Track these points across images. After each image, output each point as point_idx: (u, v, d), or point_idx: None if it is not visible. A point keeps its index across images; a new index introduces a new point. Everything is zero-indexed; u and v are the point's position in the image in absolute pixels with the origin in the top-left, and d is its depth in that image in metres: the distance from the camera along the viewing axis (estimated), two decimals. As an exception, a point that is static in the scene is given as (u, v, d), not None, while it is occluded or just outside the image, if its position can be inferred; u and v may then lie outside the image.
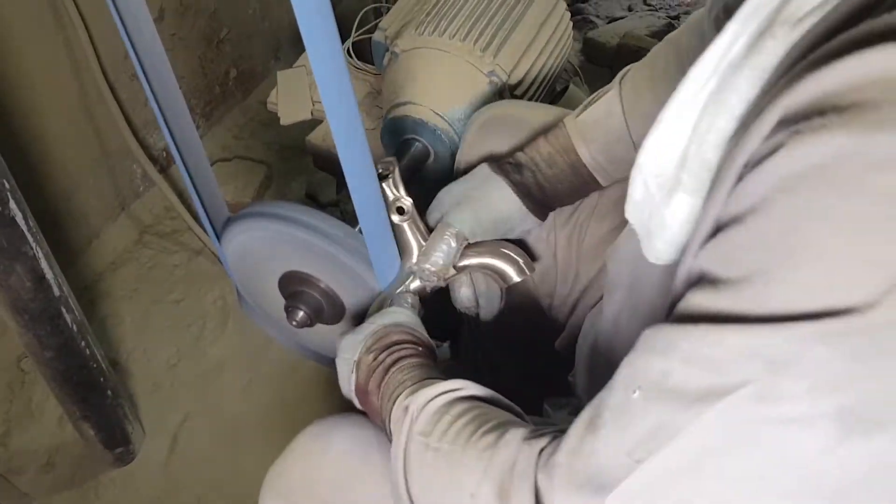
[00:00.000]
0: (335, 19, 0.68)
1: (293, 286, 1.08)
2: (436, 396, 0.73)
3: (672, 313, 0.53)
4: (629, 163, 0.92)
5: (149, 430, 1.51)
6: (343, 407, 0.93)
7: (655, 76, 0.97)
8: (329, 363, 1.26)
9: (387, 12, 1.60)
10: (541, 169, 1.03)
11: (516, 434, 0.65)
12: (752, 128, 0.47)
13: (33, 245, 1.09)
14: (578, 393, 1.02)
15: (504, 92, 1.35)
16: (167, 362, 1.64)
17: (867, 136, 0.40)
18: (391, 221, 0.97)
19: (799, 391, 0.45)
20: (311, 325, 1.08)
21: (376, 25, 1.55)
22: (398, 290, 1.00)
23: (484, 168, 1.05)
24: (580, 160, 1.02)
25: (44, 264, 1.11)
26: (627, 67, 1.03)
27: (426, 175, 1.37)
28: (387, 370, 0.82)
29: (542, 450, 0.61)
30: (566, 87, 1.75)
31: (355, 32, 1.72)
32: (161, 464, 1.49)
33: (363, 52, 1.69)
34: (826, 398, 0.44)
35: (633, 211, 0.66)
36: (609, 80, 1.04)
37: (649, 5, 2.66)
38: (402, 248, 1.00)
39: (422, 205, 1.06)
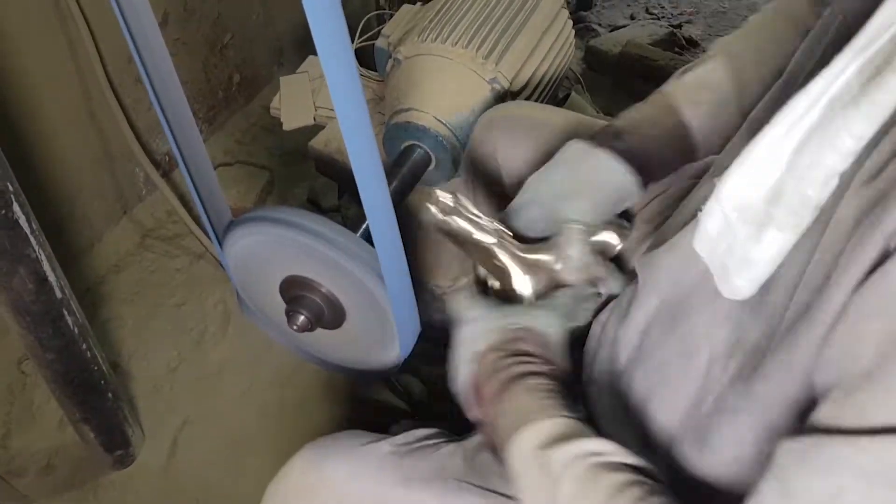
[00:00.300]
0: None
1: (294, 290, 1.08)
2: (582, 457, 0.65)
3: (814, 420, 0.49)
4: (729, 134, 0.83)
5: (148, 434, 1.51)
6: (341, 417, 0.92)
7: (760, 47, 0.92)
8: (330, 367, 1.27)
9: (389, 19, 1.61)
10: (644, 130, 0.92)
11: None
12: (886, 201, 0.45)
13: (36, 247, 1.09)
14: (590, 403, 0.99)
15: (506, 99, 1.35)
16: (168, 366, 1.64)
17: None
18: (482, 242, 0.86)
19: None
20: (311, 329, 1.08)
21: (379, 32, 1.56)
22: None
23: (577, 145, 0.92)
24: (683, 122, 0.92)
25: (46, 267, 1.12)
26: (724, 38, 0.97)
27: (427, 181, 1.38)
28: (510, 382, 0.73)
29: None
30: (568, 95, 1.75)
31: (358, 39, 1.74)
32: (160, 467, 1.49)
33: (366, 59, 1.70)
34: None
35: (706, 244, 0.64)
36: (611, 89, 1.03)
37: (651, 14, 2.68)
38: (500, 274, 0.88)
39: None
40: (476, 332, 0.79)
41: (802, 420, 0.53)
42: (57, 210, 1.65)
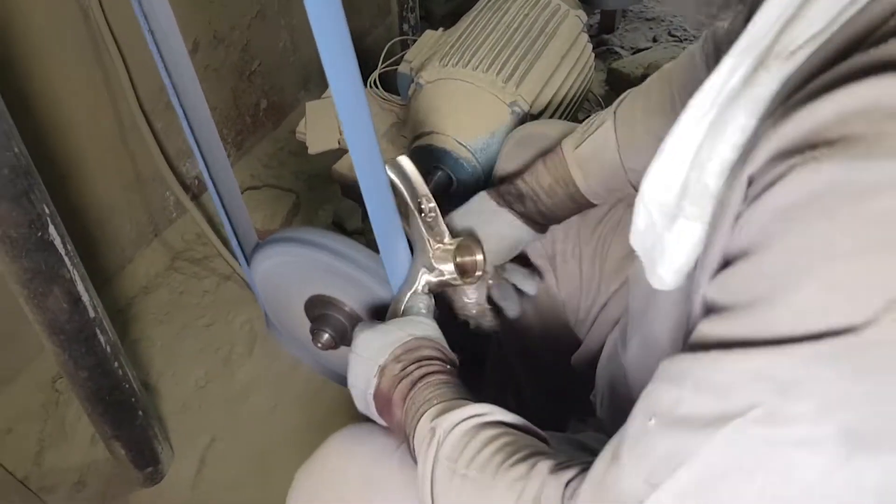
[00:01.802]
0: (363, 52, 0.72)
1: (319, 309, 1.11)
2: (462, 420, 0.73)
3: (685, 343, 0.55)
4: (623, 192, 0.99)
5: (177, 451, 1.54)
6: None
7: (649, 108, 1.00)
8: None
9: (412, 45, 1.64)
10: (542, 199, 1.07)
11: (545, 465, 0.66)
12: (749, 158, 0.50)
13: (70, 268, 1.13)
14: (600, 414, 1.03)
15: (526, 122, 1.37)
16: (196, 384, 1.67)
17: (855, 165, 0.42)
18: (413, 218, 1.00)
19: (804, 412, 0.46)
20: (335, 347, 1.11)
21: (402, 57, 1.60)
22: (411, 291, 1.00)
23: (487, 201, 1.10)
24: (579, 191, 1.06)
25: (80, 287, 1.15)
26: (623, 96, 1.07)
27: (449, 203, 1.40)
28: (413, 384, 0.82)
29: (568, 482, 0.63)
30: (587, 117, 1.77)
31: (382, 64, 1.77)
32: (189, 484, 1.52)
33: (389, 84, 1.74)
34: (830, 418, 0.46)
35: (637, 239, 0.69)
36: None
37: (674, 36, 2.69)
38: (415, 244, 1.02)
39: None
40: (372, 347, 0.87)
41: None
42: (90, 233, 1.70)
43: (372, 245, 1.03)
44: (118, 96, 1.63)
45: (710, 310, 0.53)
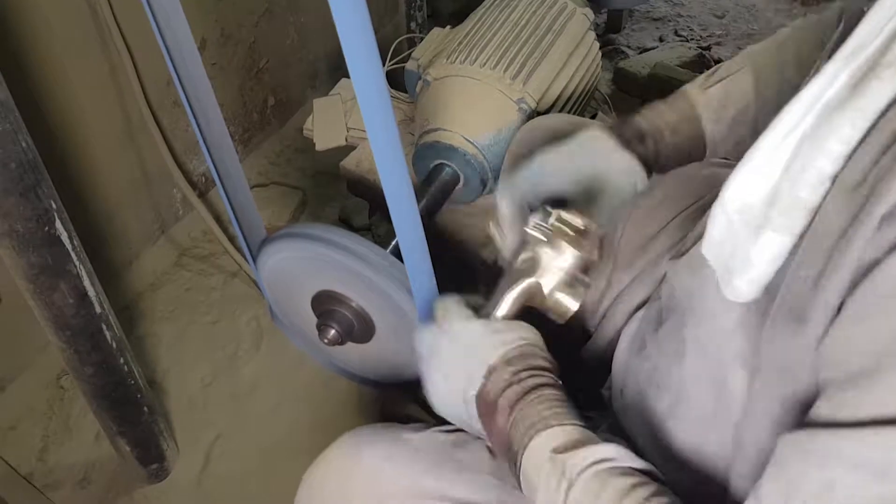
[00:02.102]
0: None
1: (325, 305, 1.11)
2: (594, 463, 0.67)
3: (813, 415, 0.52)
4: (744, 146, 0.87)
5: (183, 448, 1.54)
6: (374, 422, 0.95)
7: (782, 62, 0.94)
8: (359, 380, 1.29)
9: (420, 42, 1.64)
10: (664, 138, 0.96)
11: None
12: (877, 192, 0.47)
13: (77, 263, 1.12)
14: (615, 407, 1.00)
15: (533, 118, 1.37)
16: (202, 381, 1.67)
17: None
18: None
19: None
20: (342, 343, 1.11)
21: (410, 55, 1.60)
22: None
23: (604, 139, 0.95)
24: (702, 135, 0.96)
25: (86, 282, 1.15)
26: (753, 46, 0.99)
27: (456, 199, 1.40)
28: (524, 393, 0.75)
29: None
30: (594, 116, 1.77)
31: (389, 61, 1.77)
32: (194, 481, 1.51)
33: (397, 81, 1.74)
34: None
35: (712, 248, 0.66)
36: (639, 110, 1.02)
37: (680, 36, 2.69)
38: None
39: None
40: (483, 344, 0.79)
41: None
42: (97, 229, 1.70)
43: (378, 241, 1.03)
44: (126, 92, 1.63)
45: (845, 373, 0.49)
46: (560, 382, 0.77)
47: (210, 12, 1.80)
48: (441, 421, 1.48)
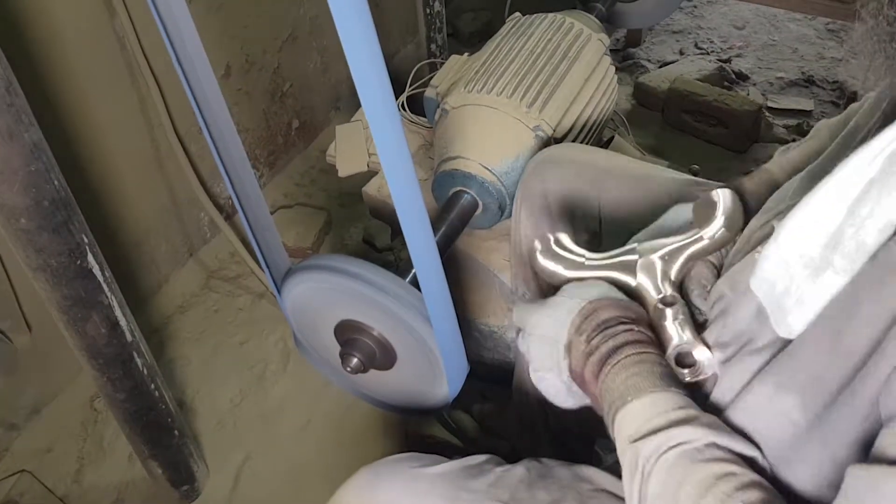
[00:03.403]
0: (391, 73, 0.73)
1: (348, 334, 1.14)
2: (668, 449, 0.65)
3: (880, 451, 0.53)
4: None
5: (212, 468, 1.57)
6: (395, 451, 0.95)
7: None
8: (383, 406, 1.32)
9: (440, 66, 1.67)
10: (749, 208, 0.94)
11: None
12: None
13: (108, 294, 1.16)
14: None
15: (550, 145, 1.39)
16: (231, 402, 1.71)
17: None
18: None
19: None
20: (364, 370, 1.13)
21: (429, 80, 1.62)
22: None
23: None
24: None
25: (118, 312, 1.19)
26: (824, 121, 1.00)
27: (475, 224, 1.43)
28: (603, 362, 0.74)
29: None
30: (612, 138, 1.79)
31: (410, 86, 1.80)
32: (224, 501, 1.55)
33: (417, 106, 1.76)
34: None
35: (762, 286, 0.67)
36: (660, 124, 1.02)
37: (700, 49, 2.69)
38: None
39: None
40: (545, 324, 0.80)
41: (867, 446, 0.56)
42: (127, 254, 1.75)
43: (401, 263, 1.05)
44: (154, 122, 1.68)
45: None
46: (640, 333, 0.75)
47: (235, 39, 1.84)
48: (465, 442, 1.51)
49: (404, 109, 1.77)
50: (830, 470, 0.62)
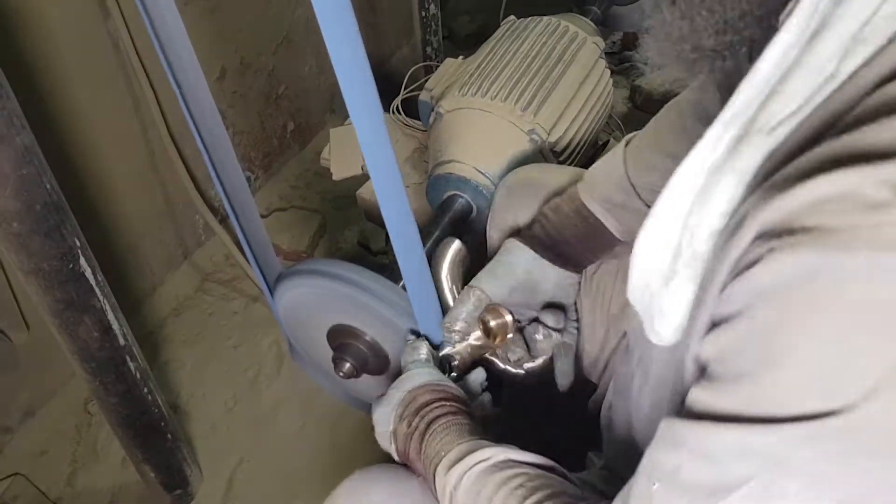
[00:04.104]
0: (386, 76, 0.74)
1: (340, 338, 1.13)
2: (469, 469, 0.77)
3: (682, 406, 0.57)
4: (631, 210, 1.00)
5: (206, 472, 1.57)
6: (390, 456, 0.97)
7: (659, 129, 1.02)
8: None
9: (435, 70, 1.67)
10: (547, 218, 1.09)
11: None
12: (735, 233, 0.52)
13: (101, 298, 1.16)
14: (602, 426, 1.05)
15: (544, 149, 1.39)
16: (224, 406, 1.70)
17: (833, 256, 0.44)
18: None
19: (793, 489, 0.48)
20: (357, 375, 1.13)
21: (424, 83, 1.62)
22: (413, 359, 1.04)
23: (508, 241, 1.12)
24: (584, 206, 1.07)
25: (110, 316, 1.19)
26: (633, 133, 1.09)
27: (469, 228, 1.43)
28: (422, 437, 0.86)
29: None
30: (607, 142, 1.79)
31: (404, 90, 1.79)
32: (217, 504, 1.55)
33: (412, 109, 1.76)
34: (817, 497, 0.48)
35: (635, 296, 0.69)
36: None
37: (697, 52, 2.69)
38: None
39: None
40: (379, 419, 0.95)
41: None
42: (121, 258, 1.74)
43: (395, 266, 1.05)
44: (148, 124, 1.67)
45: (702, 374, 0.55)
46: (450, 406, 0.90)
47: (230, 42, 1.84)
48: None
49: (399, 113, 1.77)
50: None
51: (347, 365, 1.11)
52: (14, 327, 1.49)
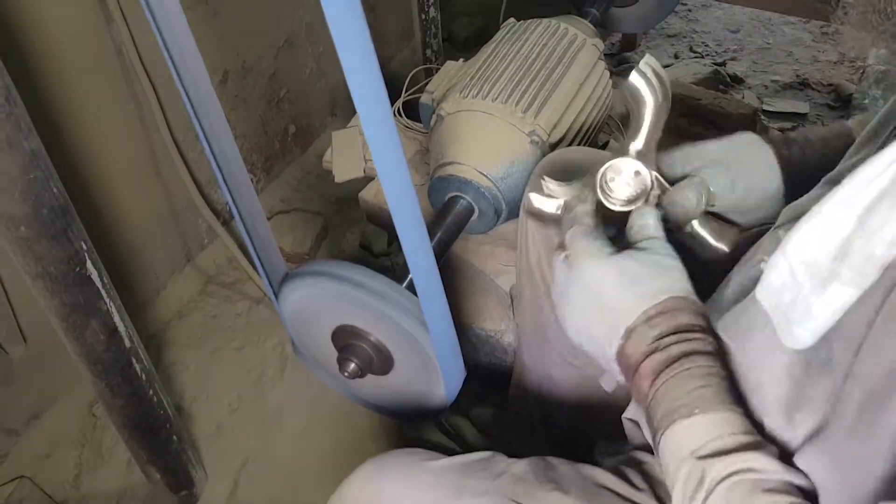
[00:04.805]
0: (387, 79, 0.74)
1: (345, 339, 1.14)
2: (738, 472, 0.62)
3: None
4: None
5: (211, 473, 1.58)
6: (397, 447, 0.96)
7: None
8: (381, 411, 1.32)
9: (436, 72, 1.68)
10: (813, 147, 0.93)
11: None
12: None
13: (107, 301, 1.17)
14: (633, 437, 0.99)
15: (545, 150, 1.40)
16: (229, 407, 1.71)
17: None
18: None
19: None
20: (362, 376, 1.14)
21: (425, 86, 1.63)
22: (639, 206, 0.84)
23: (748, 133, 0.94)
24: (851, 136, 0.92)
25: (116, 318, 1.20)
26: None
27: (471, 230, 1.44)
28: (669, 363, 0.69)
29: None
30: (607, 143, 1.80)
31: (406, 92, 1.81)
32: (223, 506, 1.56)
33: (413, 111, 1.77)
34: None
35: (769, 295, 0.65)
36: None
37: (695, 52, 2.71)
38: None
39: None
40: (621, 298, 0.73)
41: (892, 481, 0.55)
42: (125, 261, 1.75)
43: (398, 268, 1.06)
44: (151, 128, 1.68)
45: None
46: (712, 345, 0.71)
47: (231, 46, 1.85)
48: (464, 447, 1.52)
49: (400, 115, 1.78)
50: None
51: (352, 365, 1.12)
52: (10, 340, 1.50)
